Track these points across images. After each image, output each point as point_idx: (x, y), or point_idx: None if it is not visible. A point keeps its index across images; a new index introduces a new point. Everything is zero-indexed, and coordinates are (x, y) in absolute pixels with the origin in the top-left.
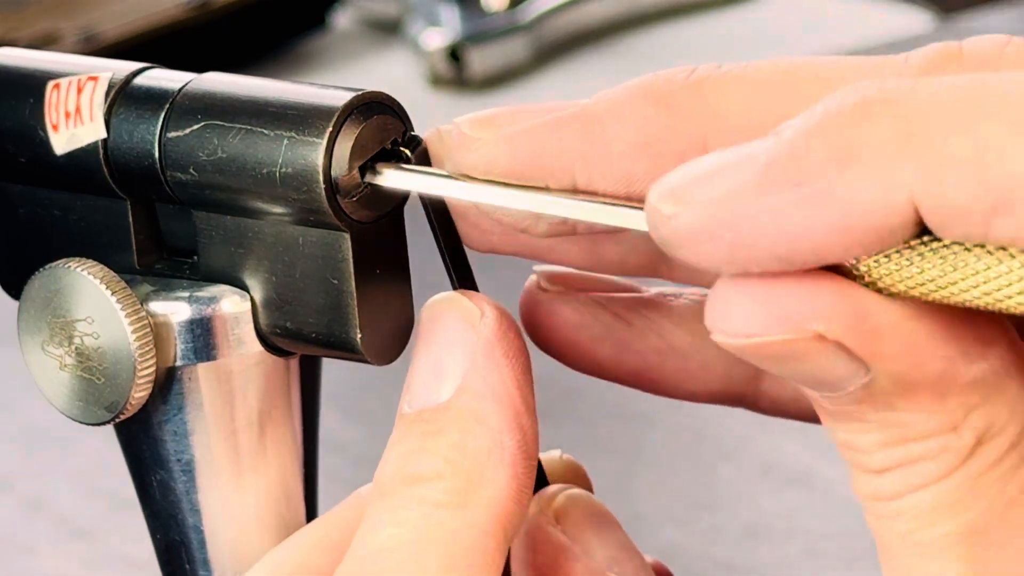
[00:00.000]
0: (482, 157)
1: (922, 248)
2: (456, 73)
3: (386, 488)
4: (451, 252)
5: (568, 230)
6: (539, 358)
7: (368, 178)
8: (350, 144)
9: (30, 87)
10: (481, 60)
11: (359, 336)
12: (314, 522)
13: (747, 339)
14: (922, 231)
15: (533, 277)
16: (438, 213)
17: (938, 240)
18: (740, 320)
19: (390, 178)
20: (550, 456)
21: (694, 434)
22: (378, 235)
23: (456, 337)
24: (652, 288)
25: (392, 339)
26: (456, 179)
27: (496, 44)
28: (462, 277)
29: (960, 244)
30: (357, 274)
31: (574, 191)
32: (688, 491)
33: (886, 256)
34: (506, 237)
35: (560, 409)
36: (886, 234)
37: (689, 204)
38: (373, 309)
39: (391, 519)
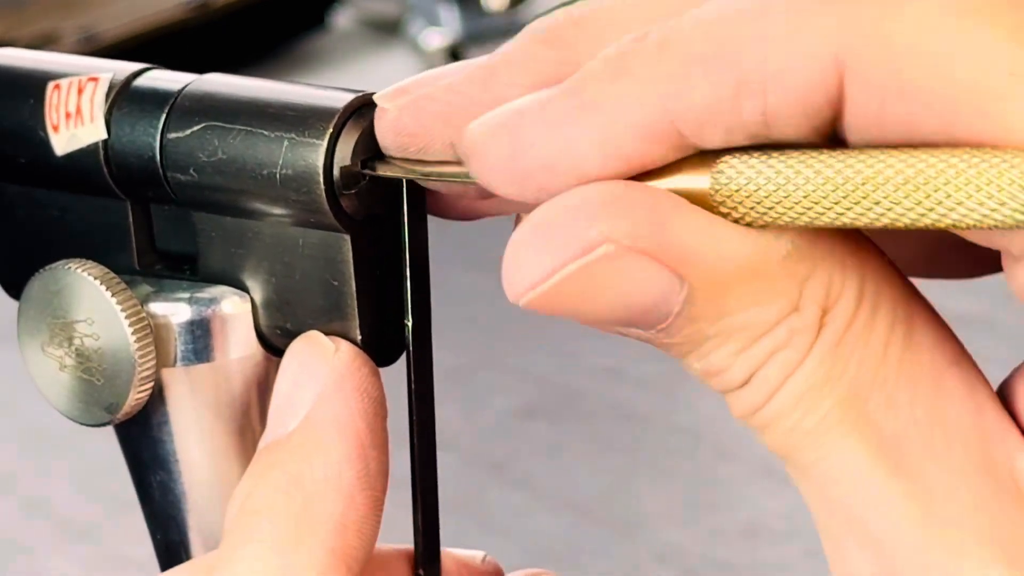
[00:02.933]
0: (390, 124)
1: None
2: None
3: (229, 525)
4: (414, 263)
5: None
6: (540, 358)
7: (367, 175)
8: (350, 146)
9: (30, 88)
10: None
11: (359, 337)
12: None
13: (544, 284)
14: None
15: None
16: (413, 218)
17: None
18: (530, 265)
19: (388, 171)
20: (471, 556)
21: (694, 434)
22: (378, 236)
23: (309, 371)
24: None
25: (392, 340)
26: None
27: (496, 44)
28: (419, 295)
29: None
30: (357, 275)
31: None
32: (688, 491)
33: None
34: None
35: (560, 409)
36: (648, 148)
37: (485, 123)
38: (373, 310)
39: (229, 558)
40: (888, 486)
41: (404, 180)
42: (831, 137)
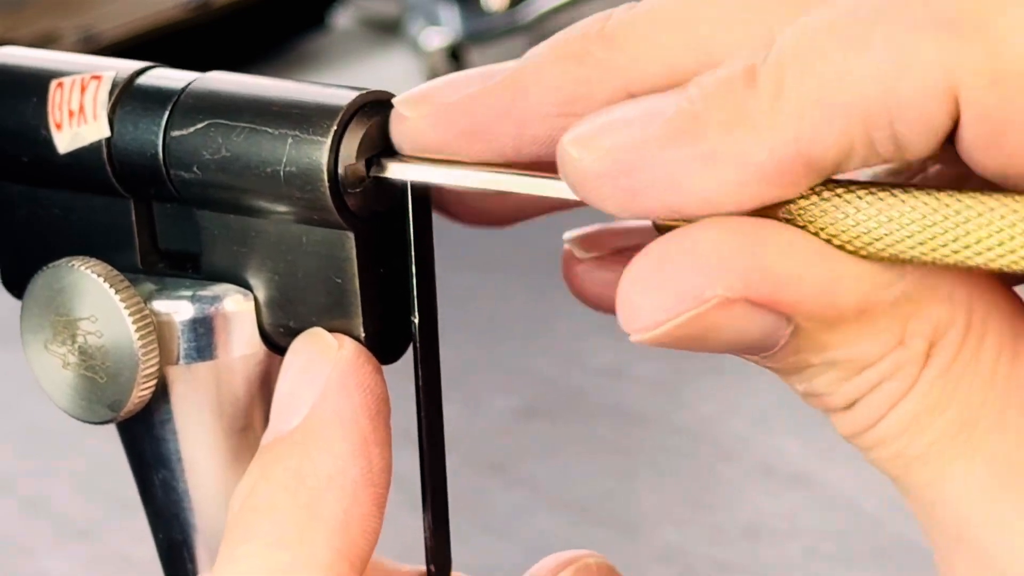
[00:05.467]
0: (409, 133)
1: (831, 200)
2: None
3: (231, 522)
4: (420, 260)
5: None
6: (540, 358)
7: (373, 173)
8: (355, 143)
9: (33, 86)
10: (481, 60)
11: (363, 335)
12: None
13: (659, 329)
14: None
15: (566, 247)
16: (419, 216)
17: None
18: (647, 312)
19: (394, 170)
20: (579, 556)
21: (694, 434)
22: (382, 234)
23: (312, 368)
24: None
25: (396, 338)
26: (459, 167)
27: (496, 44)
28: (425, 292)
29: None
30: (361, 273)
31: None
32: (688, 491)
33: (798, 208)
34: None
35: (560, 409)
36: (780, 190)
37: (594, 149)
38: (376, 308)
39: (231, 555)
40: (1001, 503)
41: (409, 180)
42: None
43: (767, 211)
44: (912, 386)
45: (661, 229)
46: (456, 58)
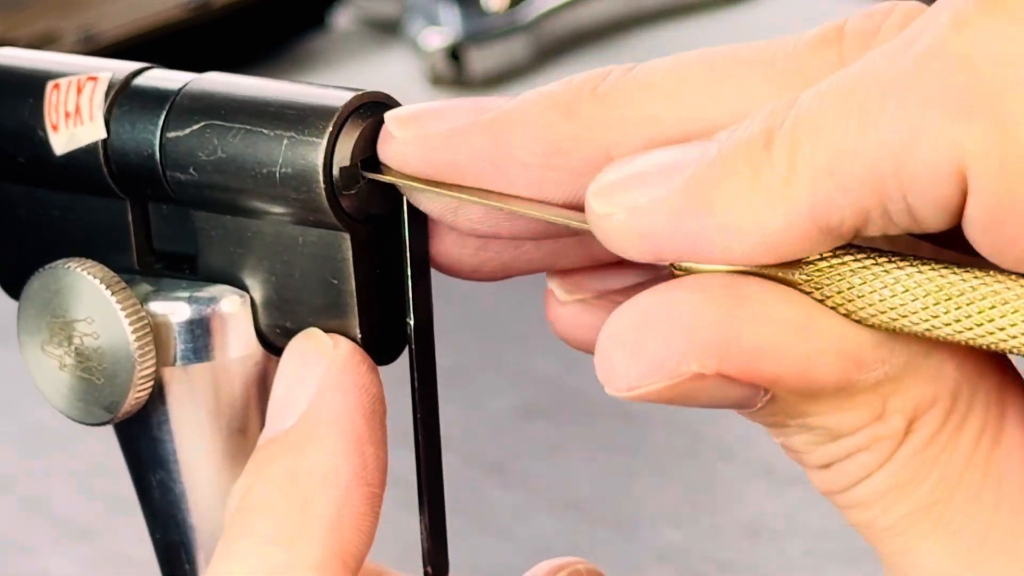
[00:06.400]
0: (395, 155)
1: (839, 264)
2: (456, 73)
3: (228, 521)
4: (415, 262)
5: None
6: (540, 358)
7: (367, 175)
8: (351, 144)
9: (30, 87)
10: (481, 60)
11: (359, 336)
12: None
13: (633, 392)
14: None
15: (548, 287)
16: (414, 217)
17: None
18: (621, 376)
19: (389, 174)
20: (570, 563)
21: (694, 434)
22: (378, 235)
23: (307, 367)
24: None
25: (392, 338)
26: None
27: (496, 44)
28: (421, 294)
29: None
30: (357, 274)
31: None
32: (688, 491)
33: (825, 265)
34: (481, 253)
35: (560, 409)
36: (791, 253)
37: (618, 208)
38: (372, 308)
39: (226, 553)
40: None
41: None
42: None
43: (782, 268)
44: (887, 460)
45: (676, 273)
46: (456, 58)
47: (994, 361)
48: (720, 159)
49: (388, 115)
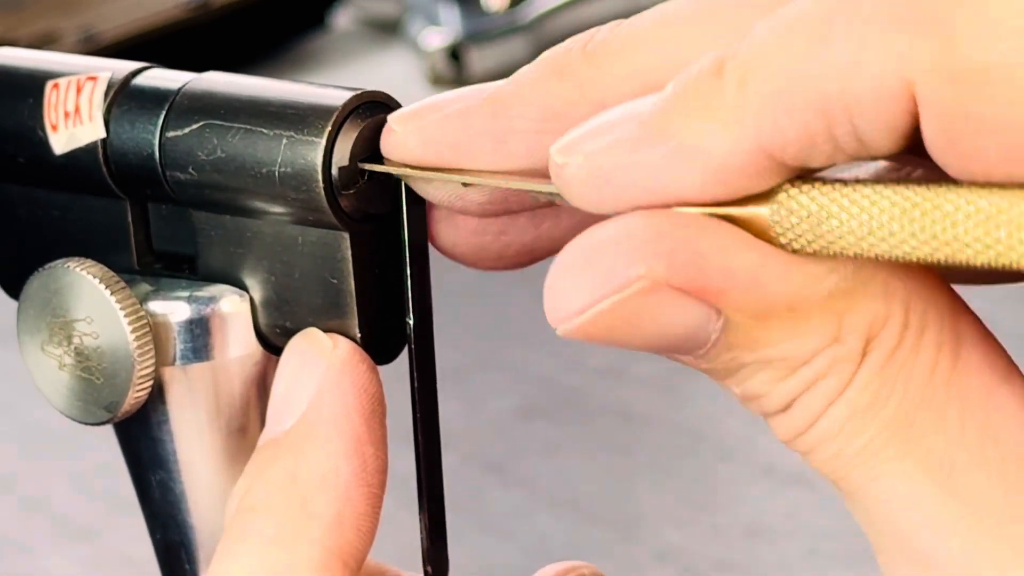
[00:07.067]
0: (396, 145)
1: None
2: (456, 73)
3: (229, 522)
4: (415, 262)
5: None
6: (540, 358)
7: (366, 167)
8: (350, 144)
9: (29, 87)
10: (481, 60)
11: (359, 336)
12: None
13: (583, 316)
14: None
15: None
16: (413, 216)
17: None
18: (570, 295)
19: (387, 168)
20: (576, 567)
21: (694, 434)
22: (377, 235)
23: (307, 368)
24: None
25: (391, 338)
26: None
27: (496, 44)
28: (420, 293)
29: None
30: (356, 273)
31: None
32: (688, 491)
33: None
34: (503, 237)
35: (560, 409)
36: (746, 183)
37: (577, 155)
38: (372, 308)
39: (226, 554)
40: (937, 506)
41: (403, 178)
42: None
43: (739, 205)
44: (848, 383)
45: None
46: (456, 58)
47: (942, 284)
48: (673, 94)
49: (391, 116)
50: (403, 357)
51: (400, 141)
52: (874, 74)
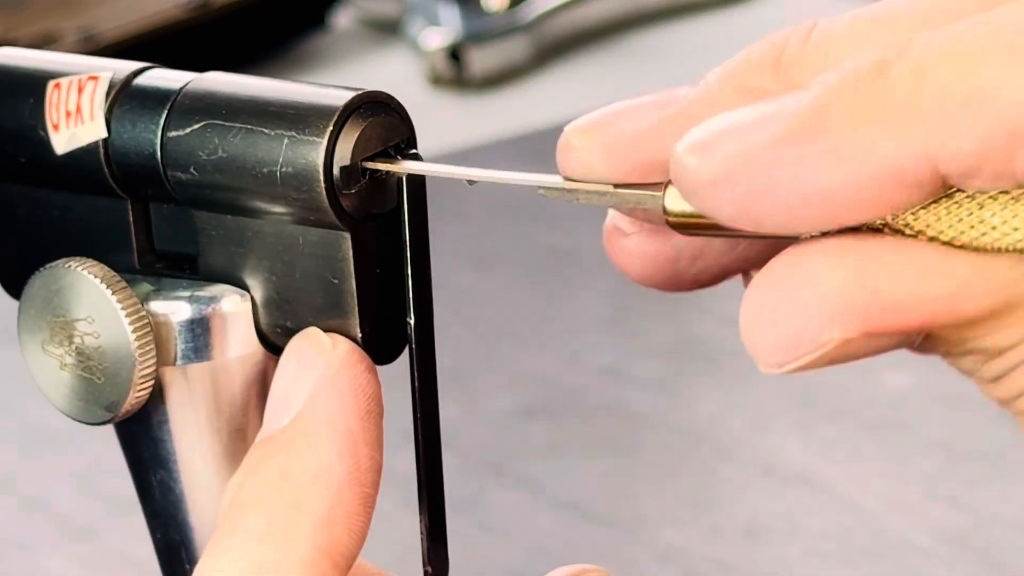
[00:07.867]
0: (580, 163)
1: (952, 201)
2: (456, 73)
3: (221, 518)
4: (416, 262)
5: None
6: (540, 358)
7: (368, 172)
8: (351, 144)
9: (30, 87)
10: (481, 60)
11: (359, 336)
12: None
13: (784, 368)
14: (952, 187)
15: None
16: (415, 216)
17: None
18: (768, 354)
19: (389, 168)
20: (586, 570)
21: (694, 434)
22: (378, 234)
23: (305, 367)
24: None
25: (392, 338)
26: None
27: (496, 44)
28: (421, 293)
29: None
30: (357, 273)
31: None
32: (688, 491)
33: (914, 215)
34: (699, 263)
35: (560, 409)
36: (904, 193)
37: (712, 155)
38: (373, 308)
39: (215, 549)
40: None
41: (404, 176)
42: None
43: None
44: None
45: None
46: (456, 58)
47: None
48: (827, 92)
49: (568, 127)
50: (403, 357)
51: (585, 160)
52: None
